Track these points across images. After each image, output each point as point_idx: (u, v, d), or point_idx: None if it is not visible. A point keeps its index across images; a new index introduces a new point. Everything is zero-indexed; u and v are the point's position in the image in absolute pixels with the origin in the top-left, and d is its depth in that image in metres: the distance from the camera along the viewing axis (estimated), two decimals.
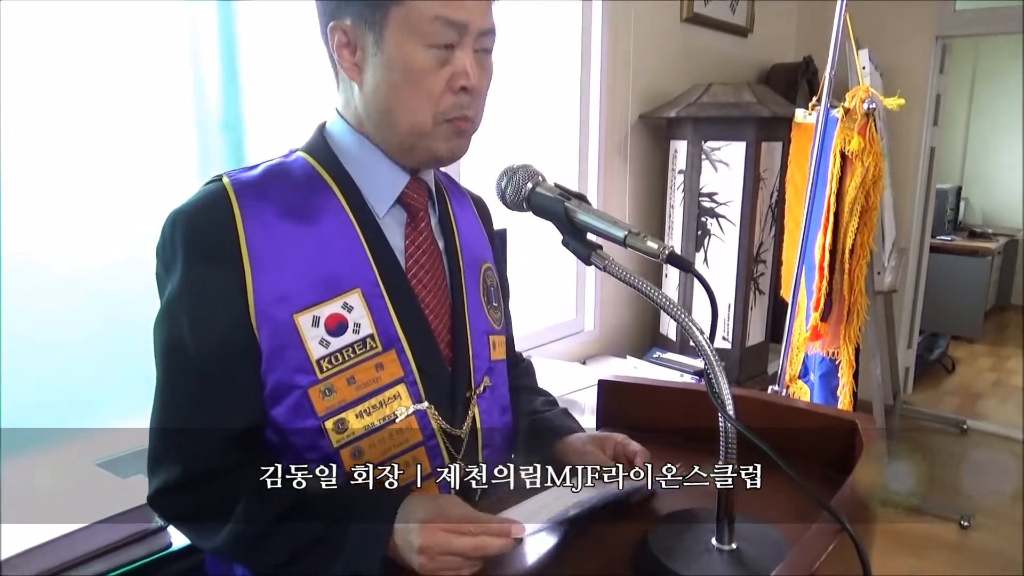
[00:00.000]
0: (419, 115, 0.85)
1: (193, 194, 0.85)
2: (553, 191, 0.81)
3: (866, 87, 1.88)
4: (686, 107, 2.70)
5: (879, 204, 1.88)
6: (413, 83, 0.83)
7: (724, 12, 3.28)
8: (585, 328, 2.82)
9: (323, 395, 0.83)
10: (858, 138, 1.87)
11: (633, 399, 1.13)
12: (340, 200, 0.88)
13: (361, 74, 0.85)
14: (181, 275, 0.81)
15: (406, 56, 0.82)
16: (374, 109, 0.87)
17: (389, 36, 0.82)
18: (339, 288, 0.84)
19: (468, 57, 0.84)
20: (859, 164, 1.88)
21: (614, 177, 2.82)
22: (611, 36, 2.67)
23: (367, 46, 0.84)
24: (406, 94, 0.84)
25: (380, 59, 0.83)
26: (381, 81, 0.84)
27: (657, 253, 0.72)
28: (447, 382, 0.92)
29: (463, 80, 0.84)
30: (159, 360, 0.84)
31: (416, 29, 0.81)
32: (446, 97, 0.84)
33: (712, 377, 0.71)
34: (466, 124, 0.87)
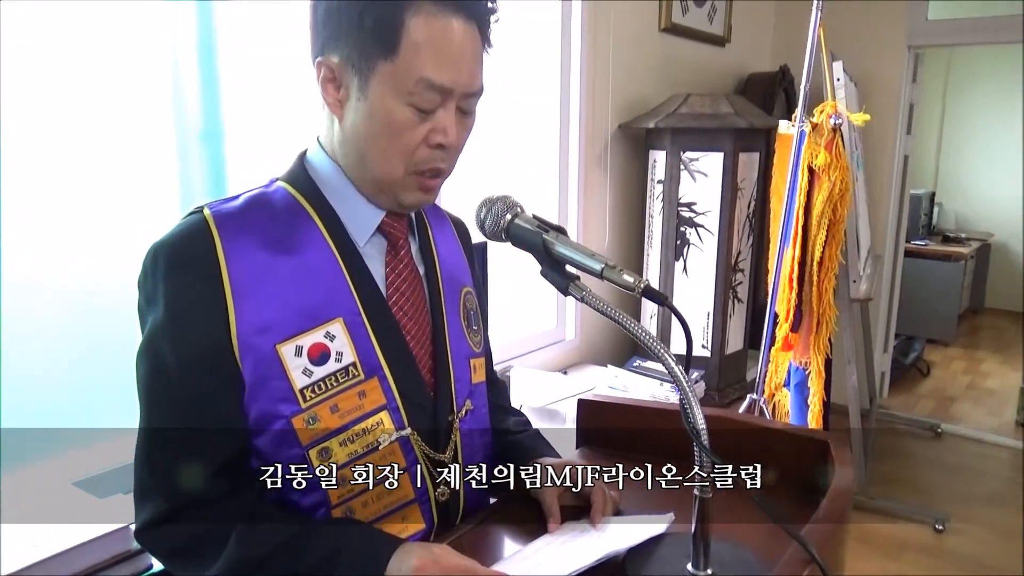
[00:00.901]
0: (392, 166, 0.86)
1: (174, 226, 0.85)
2: (532, 223, 0.82)
3: (833, 103, 1.92)
4: (665, 118, 2.73)
5: (846, 216, 1.91)
6: (390, 136, 0.84)
7: (702, 22, 3.32)
8: (566, 337, 2.84)
9: (307, 424, 0.84)
10: (824, 153, 1.91)
11: (611, 418, 1.15)
12: (321, 230, 0.88)
13: (342, 110, 0.86)
14: (163, 307, 0.81)
15: (388, 109, 0.83)
16: (351, 148, 0.88)
17: (374, 86, 0.82)
18: (321, 317, 0.85)
19: (449, 116, 0.85)
20: (826, 178, 1.92)
21: (594, 186, 2.84)
22: (590, 45, 2.69)
23: (351, 88, 0.84)
24: (382, 144, 0.85)
25: (363, 104, 0.84)
26: (360, 125, 0.85)
27: (633, 287, 0.74)
28: (429, 407, 0.93)
29: (440, 137, 0.85)
30: (142, 392, 0.84)
31: (401, 87, 0.82)
32: (421, 150, 0.85)
33: (687, 408, 0.72)
34: (435, 180, 0.89)
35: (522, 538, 0.92)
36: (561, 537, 0.89)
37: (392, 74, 0.81)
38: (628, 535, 0.86)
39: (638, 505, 0.97)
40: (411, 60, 0.81)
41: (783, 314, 2.09)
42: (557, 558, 0.83)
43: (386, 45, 0.80)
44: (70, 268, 1.45)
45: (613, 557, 0.82)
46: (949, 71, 5.98)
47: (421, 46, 0.80)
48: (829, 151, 1.89)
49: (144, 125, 1.52)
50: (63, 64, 1.39)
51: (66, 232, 1.43)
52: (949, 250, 5.36)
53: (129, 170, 1.51)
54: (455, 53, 0.82)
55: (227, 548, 0.79)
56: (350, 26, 0.81)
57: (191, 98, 1.60)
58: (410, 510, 0.90)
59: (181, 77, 1.58)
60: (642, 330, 0.74)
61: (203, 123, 1.63)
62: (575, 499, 0.97)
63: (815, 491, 0.98)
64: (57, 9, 1.36)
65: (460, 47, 0.83)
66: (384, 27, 0.80)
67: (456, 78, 0.83)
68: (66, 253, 1.44)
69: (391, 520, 0.90)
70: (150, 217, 1.54)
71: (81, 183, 1.45)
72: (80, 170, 1.45)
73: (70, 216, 1.44)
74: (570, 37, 2.66)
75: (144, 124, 1.52)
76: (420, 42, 0.80)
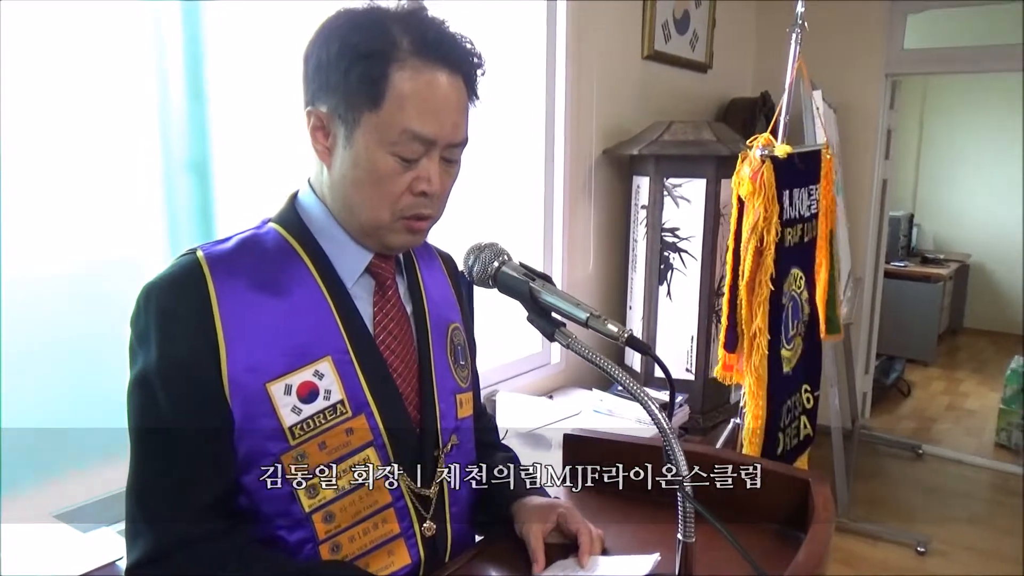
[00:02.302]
0: (378, 212, 0.88)
1: (167, 267, 0.87)
2: (519, 271, 0.84)
3: (767, 137, 2.00)
4: (648, 145, 2.76)
5: (772, 244, 2.03)
6: (375, 184, 0.86)
7: (684, 49, 3.37)
8: (552, 361, 2.85)
9: (295, 461, 0.85)
10: (748, 183, 2.01)
11: (596, 453, 1.16)
12: (311, 271, 0.90)
13: (331, 158, 0.88)
14: (156, 348, 0.82)
15: (372, 158, 0.85)
16: (339, 194, 0.90)
17: (359, 136, 0.84)
18: (310, 356, 0.86)
19: (433, 166, 0.87)
20: (751, 206, 2.01)
21: (579, 211, 2.87)
22: (575, 72, 2.73)
23: (338, 137, 0.86)
24: (367, 192, 0.87)
25: (348, 153, 0.86)
26: (347, 173, 0.87)
27: (617, 336, 0.75)
28: (415, 444, 0.94)
29: (424, 186, 0.87)
30: (133, 430, 0.85)
31: (385, 137, 0.84)
32: (406, 197, 0.88)
33: (670, 452, 0.74)
34: (422, 223, 0.91)
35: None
36: None
37: (376, 125, 0.83)
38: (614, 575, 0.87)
39: (623, 544, 0.98)
40: (395, 112, 0.83)
41: (721, 336, 2.19)
42: None
43: (371, 97, 0.83)
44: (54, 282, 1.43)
45: None
46: (926, 97, 6.11)
47: (406, 99, 0.83)
48: (754, 182, 2.00)
49: (131, 154, 1.52)
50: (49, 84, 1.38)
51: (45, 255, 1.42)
52: (928, 271, 5.44)
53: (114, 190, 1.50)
54: (439, 105, 0.85)
55: None
56: (337, 79, 0.84)
57: (178, 124, 1.60)
58: (396, 545, 0.92)
59: (169, 102, 1.58)
60: (625, 376, 0.75)
61: (189, 151, 1.63)
62: (561, 537, 0.98)
63: (797, 526, 1.00)
64: (41, 26, 1.36)
65: (444, 100, 0.85)
66: (369, 80, 0.82)
67: (439, 130, 0.85)
68: (44, 279, 1.43)
69: (377, 555, 0.90)
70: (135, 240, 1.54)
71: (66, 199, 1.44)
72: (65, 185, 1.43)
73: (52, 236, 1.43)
74: (554, 64, 2.69)
75: (131, 153, 1.52)
76: (405, 95, 0.83)
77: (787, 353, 2.27)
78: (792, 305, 2.27)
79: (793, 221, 2.16)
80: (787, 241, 2.14)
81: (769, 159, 1.99)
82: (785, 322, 2.23)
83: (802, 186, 2.21)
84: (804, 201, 2.23)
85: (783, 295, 2.20)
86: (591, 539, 0.95)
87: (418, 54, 0.83)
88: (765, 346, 2.03)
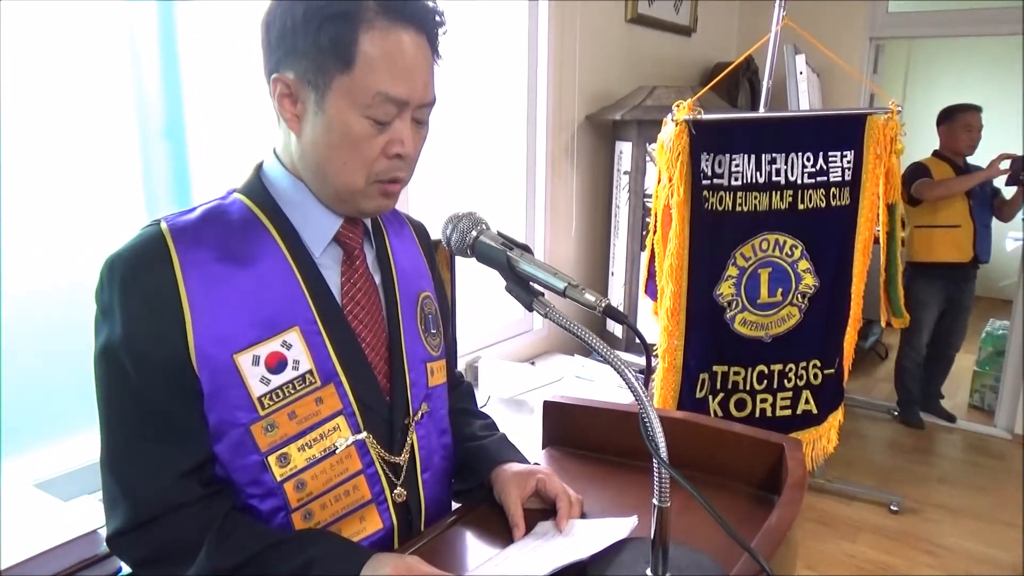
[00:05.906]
0: (352, 176, 0.87)
1: (130, 238, 0.85)
2: (497, 240, 0.84)
3: (690, 103, 2.04)
4: (631, 110, 2.75)
5: (681, 205, 2.11)
6: (349, 148, 0.85)
7: (668, 12, 3.34)
8: (534, 327, 2.87)
9: (265, 431, 0.85)
10: (660, 144, 2.10)
11: (575, 420, 1.18)
12: (277, 242, 0.89)
13: (300, 125, 0.87)
14: (120, 321, 0.81)
15: (346, 122, 0.84)
16: (311, 161, 0.88)
17: (331, 100, 0.83)
18: (278, 327, 0.86)
19: (406, 127, 0.86)
20: (662, 169, 2.11)
21: (561, 177, 2.86)
22: (557, 36, 2.69)
23: (308, 103, 0.85)
24: (341, 156, 0.86)
25: (320, 119, 0.84)
26: (319, 139, 0.86)
27: (594, 305, 0.75)
28: (385, 412, 0.95)
29: (398, 148, 0.86)
30: (101, 401, 0.84)
31: (358, 100, 0.83)
32: (380, 161, 0.87)
33: (645, 419, 0.75)
34: (396, 186, 0.90)
35: (488, 543, 0.94)
36: (529, 543, 0.92)
37: (349, 88, 0.82)
38: (592, 540, 0.88)
39: (603, 509, 1.00)
40: (367, 74, 0.82)
41: (643, 280, 2.35)
42: (525, 566, 0.85)
43: (342, 61, 0.81)
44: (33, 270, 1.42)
45: (577, 562, 0.85)
46: (909, 61, 6.09)
47: (376, 60, 0.82)
48: (664, 146, 2.09)
49: (107, 121, 1.50)
50: (22, 63, 1.36)
51: (23, 233, 1.41)
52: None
53: (92, 167, 1.49)
54: (409, 66, 0.84)
55: (198, 558, 0.80)
56: (306, 43, 0.82)
57: (152, 93, 1.57)
58: (367, 511, 0.93)
59: (142, 73, 1.55)
60: (602, 344, 0.76)
61: (165, 119, 1.61)
62: (540, 502, 1.00)
63: (771, 489, 1.02)
64: (15, 7, 1.33)
65: (413, 60, 0.84)
66: (339, 43, 0.81)
67: (411, 91, 0.84)
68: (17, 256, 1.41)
69: (349, 521, 0.92)
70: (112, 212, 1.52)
71: (42, 180, 1.42)
72: (40, 166, 1.42)
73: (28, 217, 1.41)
74: (537, 27, 2.65)
75: (107, 120, 1.50)
76: (375, 57, 0.82)
77: (754, 318, 2.28)
78: (773, 272, 2.27)
79: (752, 187, 2.16)
80: (744, 207, 2.17)
81: (685, 123, 2.05)
82: (751, 287, 2.24)
83: (774, 152, 2.16)
84: (793, 166, 2.19)
85: (747, 259, 2.22)
86: (570, 504, 0.97)
87: (384, 14, 0.82)
88: (670, 297, 2.16)
